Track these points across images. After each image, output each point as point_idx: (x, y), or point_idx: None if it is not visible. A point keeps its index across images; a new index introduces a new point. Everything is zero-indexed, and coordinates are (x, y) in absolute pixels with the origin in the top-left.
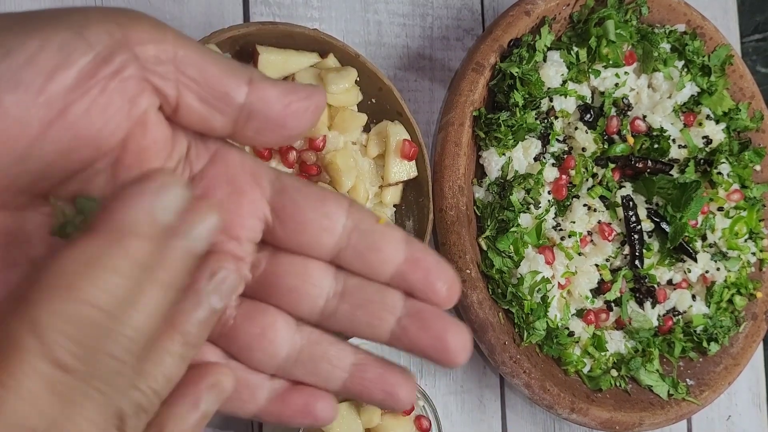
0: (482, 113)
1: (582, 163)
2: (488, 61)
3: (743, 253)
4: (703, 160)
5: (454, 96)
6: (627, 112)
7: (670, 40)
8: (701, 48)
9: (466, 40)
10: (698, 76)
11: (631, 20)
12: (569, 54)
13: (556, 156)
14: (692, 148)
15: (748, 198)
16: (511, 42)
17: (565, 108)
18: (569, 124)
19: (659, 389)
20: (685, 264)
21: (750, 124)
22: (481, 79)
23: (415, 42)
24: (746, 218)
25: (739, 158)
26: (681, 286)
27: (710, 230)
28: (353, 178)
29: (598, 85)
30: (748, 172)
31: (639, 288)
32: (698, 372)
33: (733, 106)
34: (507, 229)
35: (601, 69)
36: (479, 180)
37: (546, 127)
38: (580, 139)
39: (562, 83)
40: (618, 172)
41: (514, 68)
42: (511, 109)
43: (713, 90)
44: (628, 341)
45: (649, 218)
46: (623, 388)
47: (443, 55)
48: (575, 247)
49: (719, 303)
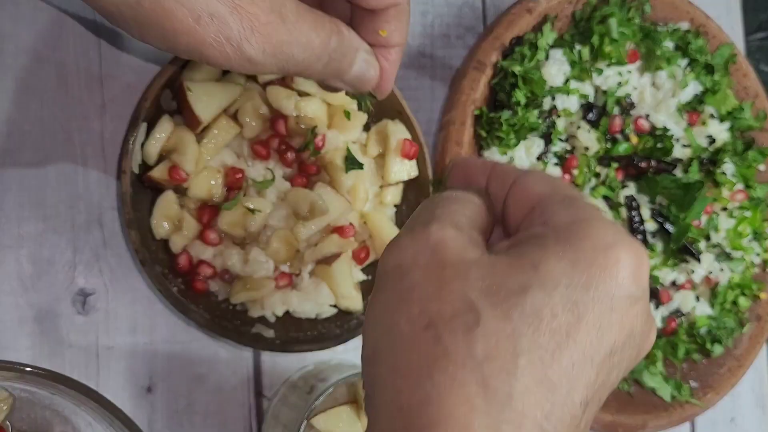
0: (484, 112)
1: (585, 163)
2: (490, 60)
3: (747, 253)
4: (706, 159)
5: (455, 95)
6: (630, 111)
7: (674, 39)
8: (705, 46)
9: (468, 38)
10: (702, 74)
11: (634, 18)
12: (572, 52)
13: (559, 155)
14: (696, 147)
15: (752, 198)
16: (512, 40)
17: (567, 107)
18: (572, 123)
19: (662, 391)
20: (689, 265)
21: (754, 123)
22: (482, 77)
23: (415, 40)
24: (750, 219)
25: (743, 158)
26: (685, 287)
27: (714, 231)
28: (353, 178)
29: (601, 84)
30: (752, 172)
31: None
32: (702, 374)
33: (737, 105)
34: None
35: (603, 67)
36: None
37: (548, 126)
38: (583, 138)
39: (565, 82)
40: (621, 172)
41: (516, 66)
42: (513, 108)
43: (717, 89)
44: None
45: (652, 218)
46: (626, 390)
47: (444, 53)
48: None
49: (723, 304)
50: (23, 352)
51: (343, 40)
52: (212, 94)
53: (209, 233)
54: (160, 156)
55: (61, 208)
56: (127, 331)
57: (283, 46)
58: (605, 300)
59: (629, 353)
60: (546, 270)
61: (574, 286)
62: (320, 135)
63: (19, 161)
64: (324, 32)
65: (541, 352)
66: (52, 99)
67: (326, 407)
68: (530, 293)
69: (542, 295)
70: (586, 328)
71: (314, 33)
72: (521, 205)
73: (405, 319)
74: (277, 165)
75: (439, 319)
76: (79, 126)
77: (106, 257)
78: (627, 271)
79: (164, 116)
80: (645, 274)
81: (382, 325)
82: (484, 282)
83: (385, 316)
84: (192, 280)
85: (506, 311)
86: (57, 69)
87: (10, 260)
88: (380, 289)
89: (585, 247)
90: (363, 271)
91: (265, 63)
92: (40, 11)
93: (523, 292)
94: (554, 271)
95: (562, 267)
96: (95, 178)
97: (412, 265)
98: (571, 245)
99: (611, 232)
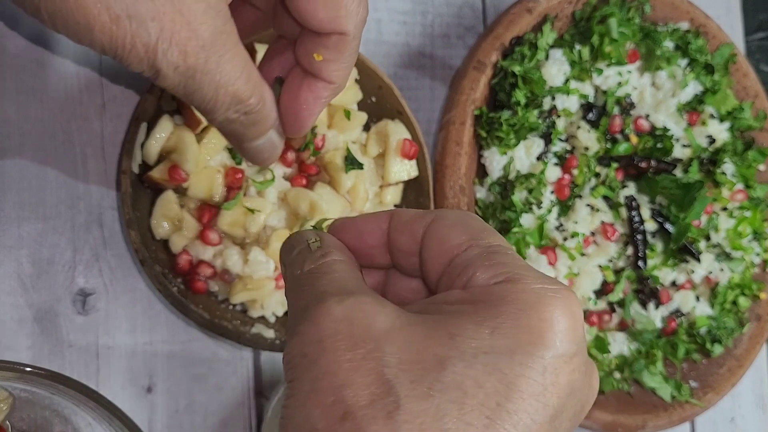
0: (484, 112)
1: (585, 163)
2: (490, 60)
3: (747, 253)
4: (706, 159)
5: (455, 94)
6: (630, 111)
7: (674, 39)
8: (704, 46)
9: (468, 38)
10: (702, 74)
11: (634, 18)
12: (572, 52)
13: (559, 155)
14: (696, 147)
15: (752, 198)
16: (512, 40)
17: (567, 107)
18: (572, 123)
19: (662, 391)
20: (689, 265)
21: (754, 123)
22: (482, 77)
23: (415, 40)
24: (750, 219)
25: (743, 158)
26: (685, 287)
27: (714, 230)
28: (353, 178)
29: (601, 84)
30: (752, 172)
31: (642, 289)
32: (702, 374)
33: (737, 105)
34: (509, 229)
35: (603, 67)
36: (481, 180)
37: (548, 126)
38: (583, 138)
39: (565, 82)
40: (621, 172)
41: (516, 66)
42: (512, 108)
43: (717, 89)
44: (632, 343)
45: (652, 218)
46: (626, 390)
47: (444, 53)
48: (578, 248)
49: (723, 304)
50: (23, 352)
51: (262, 108)
52: None
53: (209, 233)
54: (160, 156)
55: (61, 208)
56: (127, 331)
57: (197, 73)
58: (535, 364)
59: (573, 410)
60: (463, 339)
61: (497, 353)
62: (320, 135)
63: (19, 161)
64: (247, 87)
65: (470, 429)
66: (52, 99)
67: None
68: (449, 366)
69: (462, 365)
70: (518, 395)
71: (238, 80)
72: (438, 260)
73: (319, 413)
74: (277, 165)
75: (357, 408)
76: (79, 126)
77: (106, 257)
78: (557, 329)
79: (164, 116)
80: (579, 328)
81: (295, 422)
82: (399, 357)
83: (297, 411)
84: (192, 280)
85: (427, 389)
86: (57, 69)
87: (10, 260)
88: (290, 384)
89: (506, 312)
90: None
91: (172, 82)
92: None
93: (441, 365)
94: (473, 339)
95: (481, 334)
96: (95, 178)
97: (319, 351)
98: (491, 310)
99: (536, 289)
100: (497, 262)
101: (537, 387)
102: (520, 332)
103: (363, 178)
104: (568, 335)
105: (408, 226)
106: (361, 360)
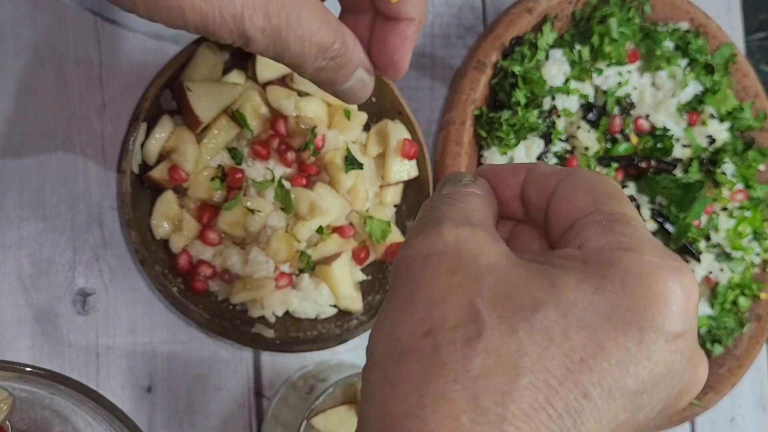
0: (484, 112)
1: (585, 163)
2: (490, 60)
3: (747, 253)
4: (706, 159)
5: (455, 94)
6: (630, 111)
7: (674, 39)
8: (704, 46)
9: (467, 38)
10: (702, 74)
11: (634, 18)
12: (572, 52)
13: (559, 155)
14: (696, 147)
15: (752, 198)
16: (512, 40)
17: (567, 107)
18: (572, 123)
19: None
20: (689, 265)
21: (754, 123)
22: (482, 77)
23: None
24: (750, 219)
25: (743, 158)
26: None
27: (714, 231)
28: (353, 178)
29: (601, 84)
30: (752, 172)
31: None
32: None
33: (737, 105)
34: None
35: (603, 67)
36: None
37: (548, 126)
38: (583, 138)
39: (565, 82)
40: (621, 172)
41: (516, 66)
42: (512, 108)
43: (717, 89)
44: None
45: (652, 218)
46: None
47: (444, 53)
48: None
49: (723, 304)
50: (23, 352)
51: (345, 50)
52: (212, 94)
53: (209, 233)
54: (160, 156)
55: (61, 208)
56: (127, 331)
57: (282, 31)
58: (631, 332)
59: (665, 393)
60: (563, 290)
61: (594, 312)
62: (320, 135)
63: (19, 161)
64: (328, 34)
65: (547, 375)
66: (52, 99)
67: (326, 407)
68: (542, 310)
69: (555, 314)
70: (605, 356)
71: (320, 29)
72: (561, 221)
73: (406, 324)
74: (277, 165)
75: (440, 328)
76: (79, 126)
77: (106, 257)
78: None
79: (164, 116)
80: (691, 310)
81: (384, 327)
82: (495, 291)
83: (389, 317)
84: (192, 280)
85: (513, 326)
86: (57, 69)
87: (10, 260)
88: (389, 291)
89: (613, 275)
90: (363, 271)
91: (261, 44)
92: (41, 11)
93: (535, 308)
94: (573, 293)
95: (583, 291)
96: (95, 178)
97: (422, 267)
98: (600, 271)
99: (652, 260)
100: (617, 230)
101: (626, 355)
102: (622, 298)
103: (363, 178)
104: (675, 313)
105: (541, 180)
106: (457, 285)
